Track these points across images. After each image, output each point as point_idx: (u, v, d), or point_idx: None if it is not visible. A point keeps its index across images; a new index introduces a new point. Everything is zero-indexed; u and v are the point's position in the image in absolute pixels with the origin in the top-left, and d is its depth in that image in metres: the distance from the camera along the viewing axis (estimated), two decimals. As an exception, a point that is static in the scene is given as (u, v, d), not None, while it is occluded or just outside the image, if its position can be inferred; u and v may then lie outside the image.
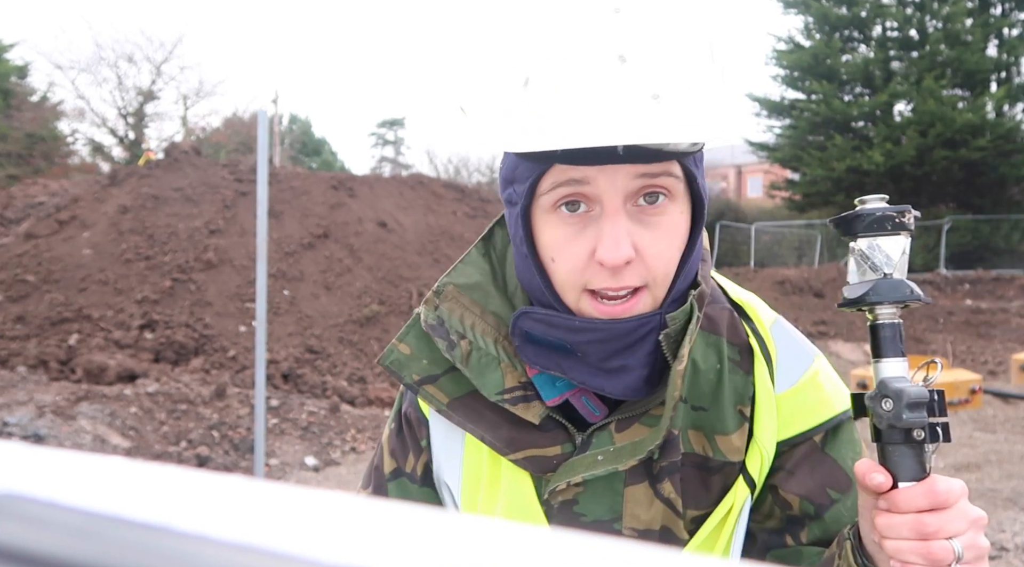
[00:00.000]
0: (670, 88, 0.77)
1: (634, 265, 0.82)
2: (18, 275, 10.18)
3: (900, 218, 0.83)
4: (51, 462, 0.29)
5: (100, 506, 0.25)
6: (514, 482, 0.94)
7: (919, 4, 21.88)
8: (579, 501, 0.91)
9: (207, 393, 7.68)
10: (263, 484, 0.28)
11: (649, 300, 0.85)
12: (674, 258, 0.85)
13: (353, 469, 6.79)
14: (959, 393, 8.61)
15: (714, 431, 0.92)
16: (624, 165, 0.80)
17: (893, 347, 0.83)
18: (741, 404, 0.93)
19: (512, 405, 0.91)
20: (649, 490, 0.90)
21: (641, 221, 0.83)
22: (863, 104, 22.07)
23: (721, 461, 0.92)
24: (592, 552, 0.23)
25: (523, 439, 0.91)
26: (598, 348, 0.85)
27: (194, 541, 0.23)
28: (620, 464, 0.87)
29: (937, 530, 0.75)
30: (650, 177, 0.81)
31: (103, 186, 12.71)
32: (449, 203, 14.62)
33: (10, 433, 6.10)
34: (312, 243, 11.92)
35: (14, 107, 22.81)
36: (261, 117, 5.32)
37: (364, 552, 0.23)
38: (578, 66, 0.78)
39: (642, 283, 0.84)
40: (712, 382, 0.93)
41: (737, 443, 0.92)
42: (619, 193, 0.81)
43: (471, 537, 0.24)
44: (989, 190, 21.51)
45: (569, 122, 0.76)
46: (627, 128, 0.75)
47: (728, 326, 0.96)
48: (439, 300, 0.95)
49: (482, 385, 0.91)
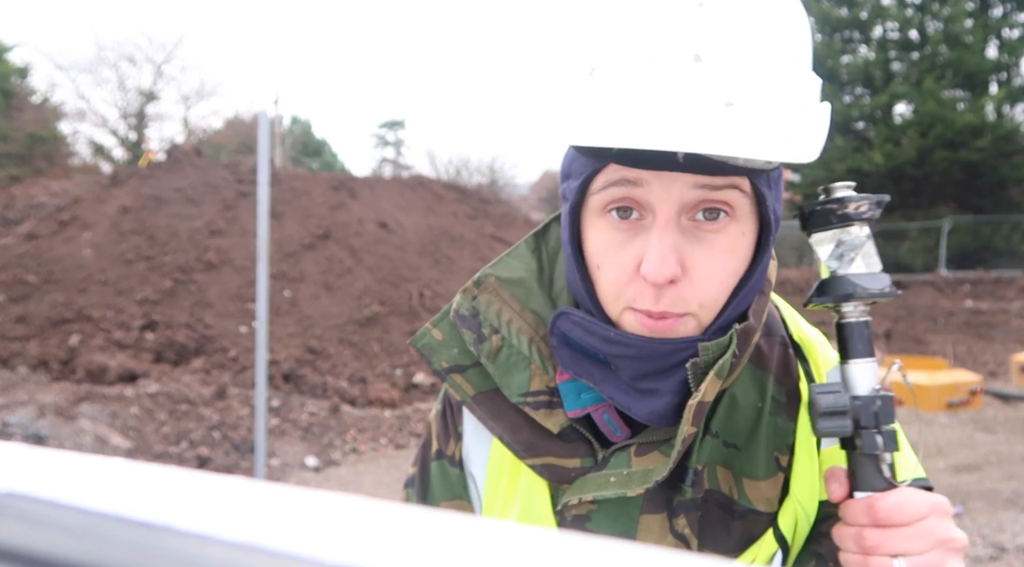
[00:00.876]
0: (746, 96, 0.69)
1: (680, 287, 0.76)
2: (19, 275, 10.19)
3: (844, 209, 0.78)
4: (52, 462, 0.29)
5: (101, 506, 0.25)
6: (531, 487, 0.91)
7: (919, 5, 21.88)
8: (592, 519, 0.87)
9: (208, 393, 7.68)
10: (263, 485, 0.28)
11: (693, 324, 0.79)
12: (726, 283, 0.78)
13: (353, 470, 6.78)
14: (959, 394, 8.60)
15: (743, 473, 0.86)
16: (684, 174, 0.73)
17: (857, 348, 0.78)
18: (779, 451, 0.86)
19: (534, 409, 0.87)
20: (665, 522, 0.85)
21: (695, 237, 0.76)
22: (863, 105, 22.08)
23: (746, 507, 0.85)
24: (591, 554, 0.23)
25: (542, 446, 0.87)
26: (630, 365, 0.79)
27: (195, 541, 0.23)
28: (629, 490, 0.82)
29: (876, 546, 0.73)
30: (711, 190, 0.74)
31: (104, 187, 12.72)
32: (450, 204, 14.62)
33: (11, 433, 6.10)
34: (313, 244, 11.92)
35: (15, 108, 22.81)
36: (262, 118, 5.32)
37: (364, 552, 0.23)
38: (648, 60, 0.70)
39: (684, 310, 0.77)
40: (750, 420, 0.86)
41: (767, 492, 0.86)
42: (674, 203, 0.74)
43: (471, 538, 0.24)
44: (989, 191, 21.49)
45: (630, 120, 0.69)
46: (692, 135, 0.67)
47: (779, 364, 0.89)
48: (478, 291, 0.90)
49: (506, 384, 0.88)
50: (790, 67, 0.72)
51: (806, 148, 0.71)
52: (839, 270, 0.78)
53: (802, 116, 0.72)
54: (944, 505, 0.75)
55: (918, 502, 0.74)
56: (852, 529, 0.75)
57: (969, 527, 4.91)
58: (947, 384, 8.57)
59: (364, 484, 6.36)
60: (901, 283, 17.65)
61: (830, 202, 0.79)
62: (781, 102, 0.71)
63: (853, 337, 0.78)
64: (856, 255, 0.78)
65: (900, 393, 8.70)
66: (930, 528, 0.73)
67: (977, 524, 4.95)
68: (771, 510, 0.86)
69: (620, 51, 0.71)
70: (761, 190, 0.76)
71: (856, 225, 0.78)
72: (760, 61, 0.70)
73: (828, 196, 0.80)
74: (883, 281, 0.78)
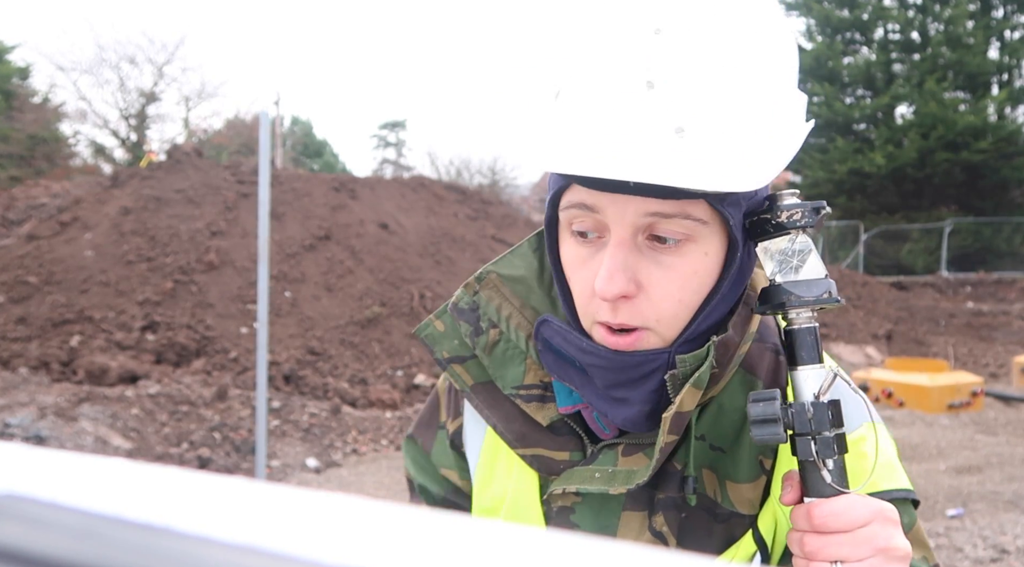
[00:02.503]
0: (697, 122, 0.70)
1: (636, 302, 0.78)
2: (20, 276, 10.19)
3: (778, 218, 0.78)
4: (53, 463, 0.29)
5: (101, 507, 0.25)
6: (522, 477, 0.93)
7: (921, 7, 21.89)
8: (576, 511, 0.90)
9: (208, 394, 7.68)
10: (264, 486, 0.28)
11: (655, 339, 0.81)
12: (686, 300, 0.79)
13: (354, 471, 6.79)
14: (960, 396, 8.60)
15: (727, 476, 0.87)
16: (636, 198, 0.74)
17: (801, 355, 0.78)
18: (763, 454, 0.88)
19: (525, 402, 0.90)
20: (645, 520, 0.87)
21: (653, 259, 0.77)
22: (865, 106, 22.09)
23: (728, 510, 0.87)
24: (583, 555, 0.23)
25: (534, 437, 0.90)
26: (603, 374, 0.82)
27: (195, 542, 0.23)
28: (611, 488, 0.84)
29: (815, 551, 0.73)
30: (661, 217, 0.75)
31: (105, 188, 12.73)
32: (451, 205, 14.63)
33: (12, 434, 6.10)
34: (314, 245, 11.93)
35: (16, 108, 22.84)
36: (263, 119, 5.33)
37: (365, 553, 0.23)
38: (604, 86, 0.72)
39: (642, 324, 0.79)
40: (736, 424, 0.88)
41: (749, 495, 0.87)
42: (627, 226, 0.76)
43: (470, 538, 0.24)
44: (991, 193, 21.50)
45: (585, 147, 0.72)
46: (639, 164, 0.69)
47: (769, 369, 0.90)
48: (479, 286, 0.94)
49: (500, 376, 0.91)
50: (752, 91, 0.73)
51: (755, 175, 0.72)
52: (778, 278, 0.79)
53: (758, 142, 0.73)
54: (888, 512, 0.75)
55: (858, 508, 0.74)
56: (796, 534, 0.77)
57: (970, 528, 4.91)
58: (948, 386, 8.57)
59: (365, 485, 6.36)
60: (902, 284, 17.65)
61: (765, 212, 0.79)
62: (736, 127, 0.72)
63: (796, 344, 0.79)
64: (797, 262, 0.79)
65: (904, 394, 8.70)
66: (870, 535, 0.73)
67: (978, 526, 4.95)
68: (752, 512, 0.88)
69: (580, 76, 0.74)
70: (723, 211, 0.76)
71: (793, 233, 0.78)
72: (715, 86, 0.71)
73: (771, 204, 0.80)
74: (820, 288, 0.78)
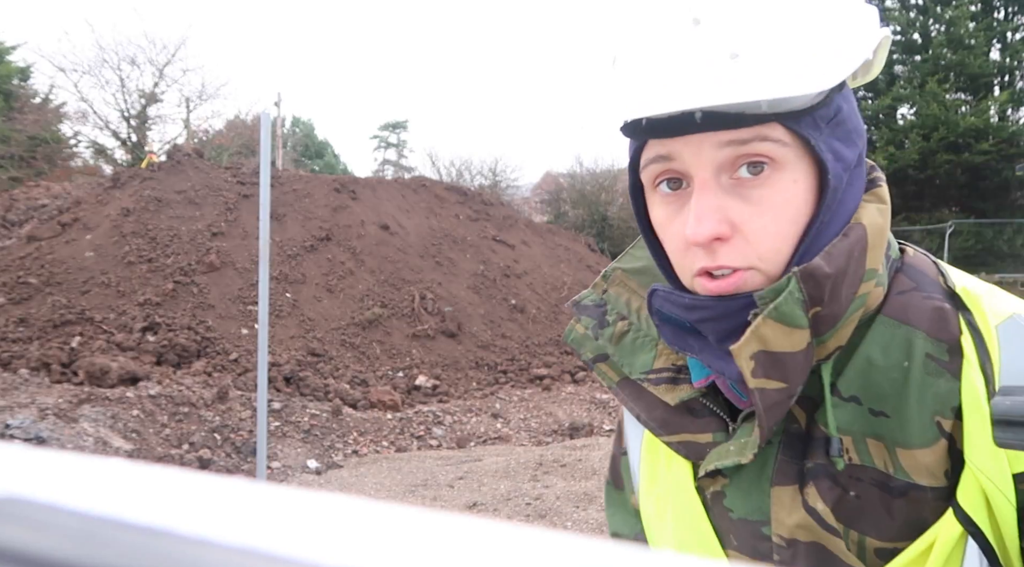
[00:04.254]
0: (750, 45, 0.70)
1: (734, 243, 0.75)
2: (20, 277, 10.20)
3: None
4: (53, 465, 0.29)
5: (102, 509, 0.25)
6: (677, 470, 0.91)
7: (922, 8, 21.91)
8: (727, 495, 0.85)
9: (209, 396, 7.69)
10: (265, 487, 0.28)
11: (759, 279, 0.76)
12: (784, 233, 0.75)
13: (355, 472, 6.79)
14: (962, 397, 8.58)
15: (896, 443, 0.76)
16: (707, 133, 0.73)
17: None
18: (940, 415, 0.75)
19: (654, 385, 0.88)
20: (798, 495, 0.79)
21: (741, 195, 0.75)
22: (866, 108, 22.10)
23: (904, 482, 0.76)
24: (585, 554, 0.23)
25: (676, 422, 0.87)
26: (712, 327, 0.78)
27: (196, 544, 0.23)
28: (743, 457, 0.79)
29: None
30: (739, 144, 0.73)
31: (105, 188, 12.74)
32: (452, 206, 14.63)
33: (12, 436, 6.10)
34: (314, 246, 11.94)
35: (16, 109, 22.85)
36: (264, 120, 5.33)
37: (366, 555, 0.23)
38: (654, 35, 0.74)
39: (744, 264, 0.75)
40: (896, 382, 0.77)
41: (926, 460, 0.75)
42: (707, 165, 0.74)
43: (471, 539, 0.24)
44: (992, 194, 21.51)
45: (644, 91, 0.73)
46: (695, 91, 0.69)
47: (933, 318, 0.79)
48: (607, 284, 0.94)
49: (629, 364, 0.90)
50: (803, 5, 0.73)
51: (814, 79, 0.70)
52: None
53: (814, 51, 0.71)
54: None
55: None
56: None
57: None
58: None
59: (366, 487, 6.36)
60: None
61: None
62: (790, 42, 0.71)
63: None
64: None
65: None
66: None
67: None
68: (938, 484, 0.75)
69: (631, 36, 0.76)
70: (803, 133, 0.73)
71: None
72: (763, 8, 0.72)
73: None
74: None
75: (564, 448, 7.60)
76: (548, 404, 9.41)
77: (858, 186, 0.80)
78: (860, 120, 0.81)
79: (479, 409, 9.02)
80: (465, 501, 6.00)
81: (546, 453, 7.33)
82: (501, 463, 6.97)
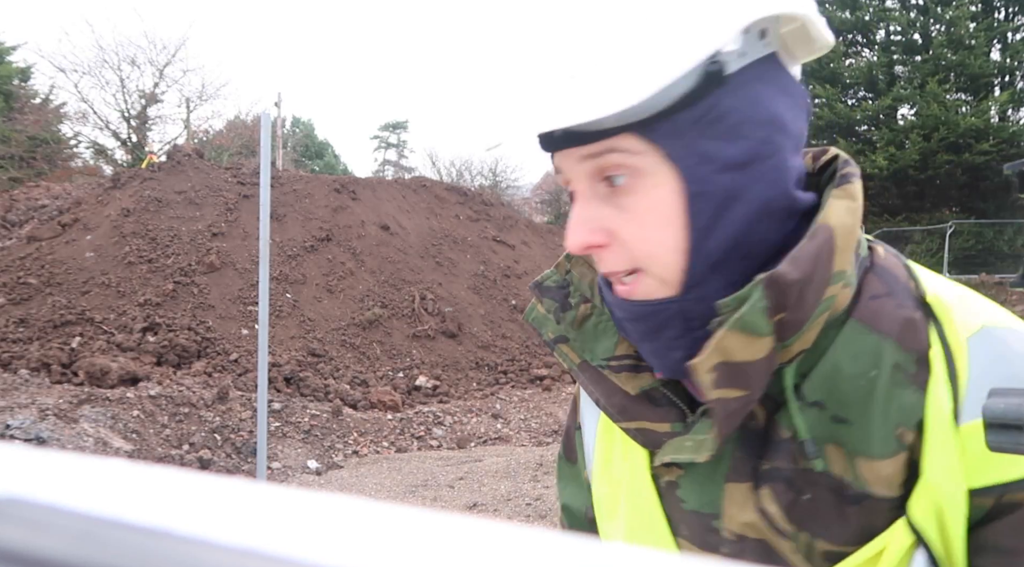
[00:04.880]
0: (582, 64, 0.73)
1: (613, 249, 0.77)
2: (20, 278, 10.21)
3: None
4: (53, 465, 0.29)
5: (102, 510, 0.25)
6: (634, 456, 0.91)
7: (923, 8, 21.91)
8: (681, 485, 0.85)
9: (209, 396, 7.69)
10: (265, 487, 0.28)
11: (653, 283, 0.77)
12: (657, 238, 0.75)
13: (355, 472, 6.79)
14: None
15: (857, 451, 0.76)
16: (570, 149, 0.76)
17: None
18: (903, 426, 0.74)
19: (615, 373, 0.87)
20: (751, 493, 0.80)
21: (615, 204, 0.76)
22: (866, 108, 22.09)
23: (860, 490, 0.75)
24: (585, 554, 0.23)
25: (635, 410, 0.86)
26: (631, 327, 0.80)
27: (196, 545, 0.23)
28: (699, 456, 0.78)
29: None
30: (594, 157, 0.75)
31: (106, 189, 12.75)
32: (452, 206, 14.64)
33: (12, 436, 6.10)
34: (314, 246, 11.95)
35: (16, 110, 22.87)
36: (264, 120, 5.33)
37: (366, 556, 0.23)
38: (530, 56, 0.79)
39: (629, 266, 0.77)
40: (862, 391, 0.76)
41: (885, 472, 0.75)
42: (580, 178, 0.77)
43: (473, 540, 0.24)
44: (993, 194, 21.50)
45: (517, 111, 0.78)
46: (545, 113, 0.73)
47: (904, 327, 0.77)
48: (570, 264, 0.93)
49: (590, 349, 0.88)
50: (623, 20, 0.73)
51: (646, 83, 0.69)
52: None
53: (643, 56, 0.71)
54: None
55: None
56: None
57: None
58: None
59: (366, 487, 6.36)
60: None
61: None
62: (617, 54, 0.71)
63: None
64: None
65: None
66: None
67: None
68: (893, 494, 0.75)
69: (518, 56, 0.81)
70: (655, 141, 0.73)
71: None
72: (593, 27, 0.74)
73: None
74: None
75: (564, 448, 7.60)
76: (548, 404, 9.42)
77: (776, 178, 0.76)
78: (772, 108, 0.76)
79: (479, 409, 9.02)
80: (465, 502, 6.00)
81: (546, 453, 7.33)
82: (501, 463, 6.97)
